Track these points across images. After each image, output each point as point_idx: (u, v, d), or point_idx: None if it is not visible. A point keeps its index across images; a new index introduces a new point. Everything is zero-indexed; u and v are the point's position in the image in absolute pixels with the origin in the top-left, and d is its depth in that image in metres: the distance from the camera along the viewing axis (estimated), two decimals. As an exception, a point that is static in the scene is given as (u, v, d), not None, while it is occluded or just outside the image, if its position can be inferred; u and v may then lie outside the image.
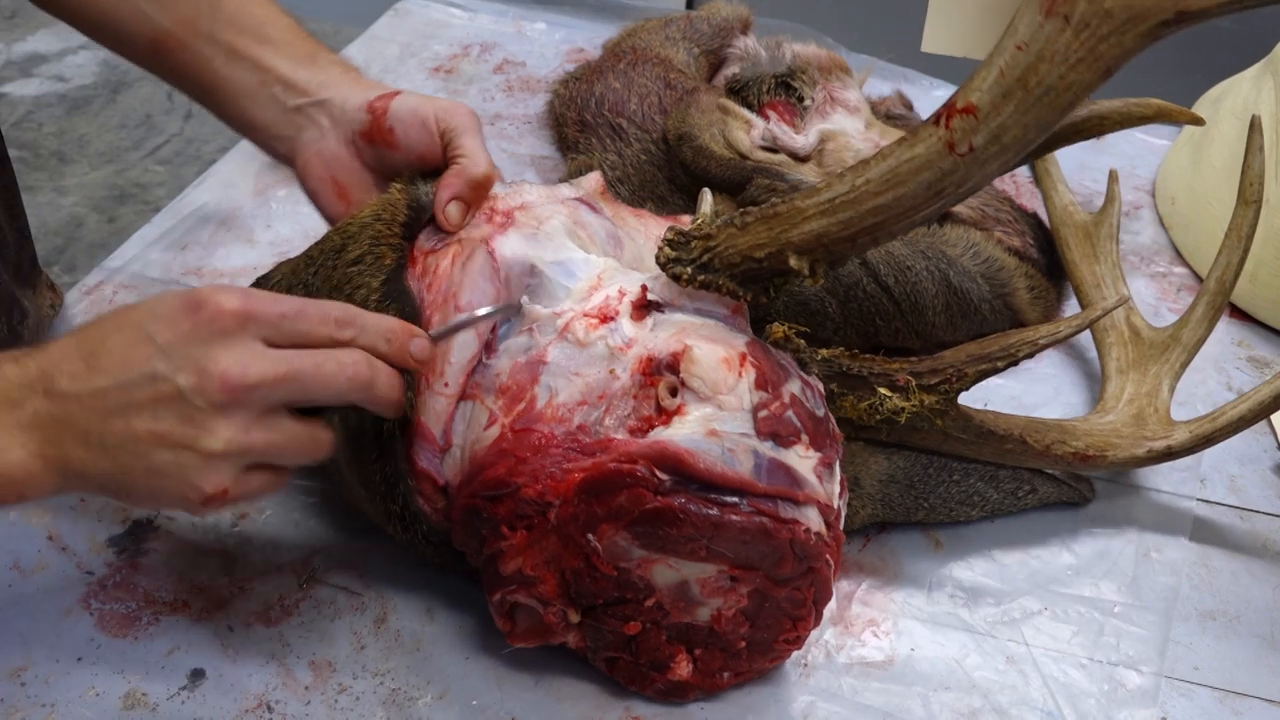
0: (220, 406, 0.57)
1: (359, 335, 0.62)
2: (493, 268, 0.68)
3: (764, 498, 0.62)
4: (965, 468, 0.79)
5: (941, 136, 0.58)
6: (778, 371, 0.66)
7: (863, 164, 0.61)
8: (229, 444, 0.58)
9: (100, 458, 0.58)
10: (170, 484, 0.59)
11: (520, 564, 0.65)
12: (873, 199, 0.61)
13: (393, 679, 0.71)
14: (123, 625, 0.73)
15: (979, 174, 0.58)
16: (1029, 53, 0.54)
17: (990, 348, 0.73)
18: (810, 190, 0.63)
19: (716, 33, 1.18)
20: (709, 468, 0.61)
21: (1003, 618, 0.76)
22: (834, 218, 0.62)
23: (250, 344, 0.58)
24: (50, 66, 1.29)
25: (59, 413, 0.58)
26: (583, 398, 0.65)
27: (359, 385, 0.61)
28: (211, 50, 0.77)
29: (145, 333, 0.58)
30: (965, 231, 0.96)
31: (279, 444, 0.60)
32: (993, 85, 0.56)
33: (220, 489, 0.59)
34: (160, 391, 0.57)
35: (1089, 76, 0.54)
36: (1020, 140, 0.57)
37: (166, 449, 0.58)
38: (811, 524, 0.63)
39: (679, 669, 0.67)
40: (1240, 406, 0.79)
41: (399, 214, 0.70)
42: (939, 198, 0.60)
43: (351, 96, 0.77)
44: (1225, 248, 0.85)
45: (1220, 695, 0.73)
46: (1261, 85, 1.05)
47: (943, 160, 0.58)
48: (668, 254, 0.66)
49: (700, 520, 0.61)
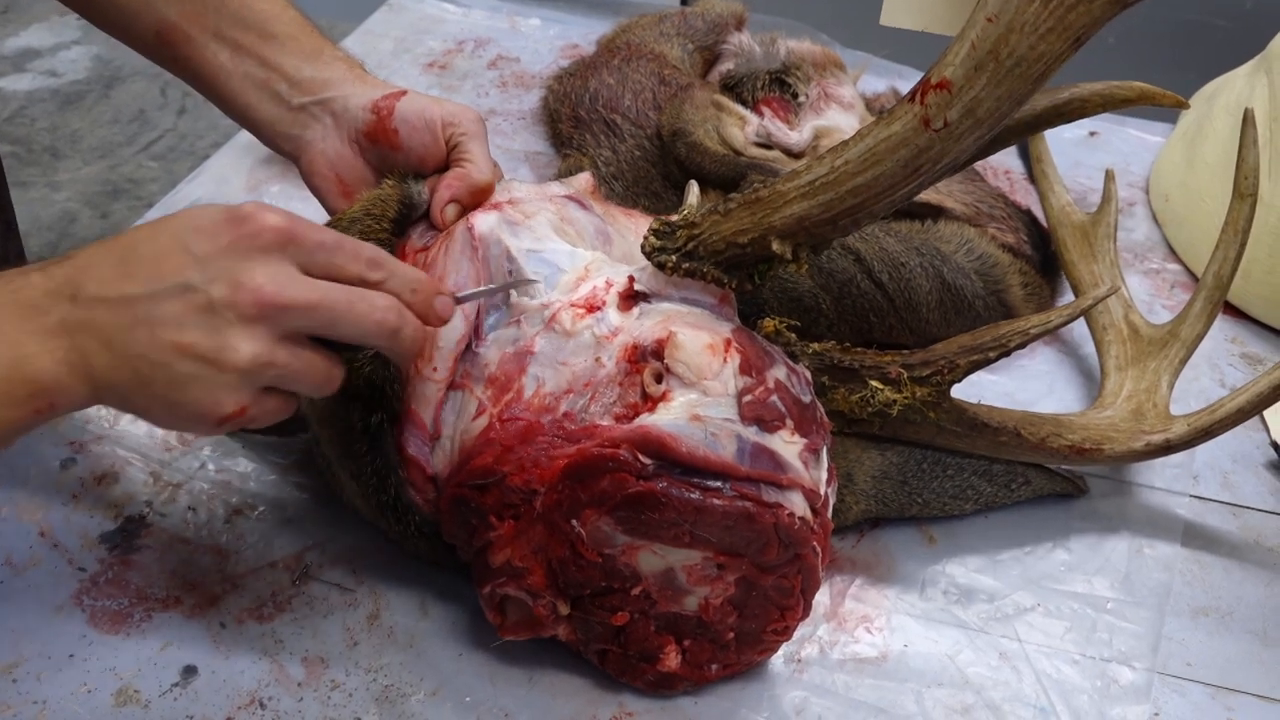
0: (249, 321, 0.57)
1: (388, 279, 0.61)
2: (471, 245, 0.68)
3: (747, 481, 0.62)
4: (959, 462, 0.79)
5: (916, 113, 0.58)
6: (762, 357, 0.66)
7: (841, 145, 0.61)
8: (253, 359, 0.57)
9: (122, 366, 0.57)
10: (189, 397, 0.57)
11: (509, 555, 0.65)
12: (852, 179, 0.61)
13: (385, 675, 0.71)
14: (115, 622, 0.73)
15: (955, 148, 0.59)
16: (999, 24, 0.55)
17: (982, 338, 0.73)
18: (791, 174, 0.63)
19: (711, 28, 1.18)
20: (691, 451, 0.61)
21: (996, 614, 0.77)
22: (814, 200, 0.62)
23: (287, 266, 0.58)
24: (43, 61, 1.29)
25: (85, 318, 0.57)
26: (569, 386, 0.65)
27: (386, 330, 0.60)
28: (216, 45, 0.77)
29: (182, 242, 0.57)
30: (959, 228, 0.96)
31: (298, 369, 0.59)
32: (965, 59, 0.56)
33: (239, 406, 0.58)
34: (191, 302, 0.56)
35: (1060, 46, 0.54)
36: (994, 113, 0.57)
37: (190, 360, 0.56)
38: (796, 508, 0.63)
39: (668, 660, 0.68)
40: (1239, 399, 0.79)
41: (389, 209, 0.70)
42: (917, 175, 0.60)
43: (356, 94, 0.77)
44: (1222, 242, 0.85)
45: (1213, 691, 0.73)
46: (1255, 82, 1.05)
47: (919, 137, 0.59)
48: (653, 243, 0.67)
49: (682, 504, 0.61)
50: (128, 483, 0.82)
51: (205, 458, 0.83)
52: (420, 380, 0.67)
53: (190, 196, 1.08)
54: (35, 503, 0.79)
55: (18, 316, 0.57)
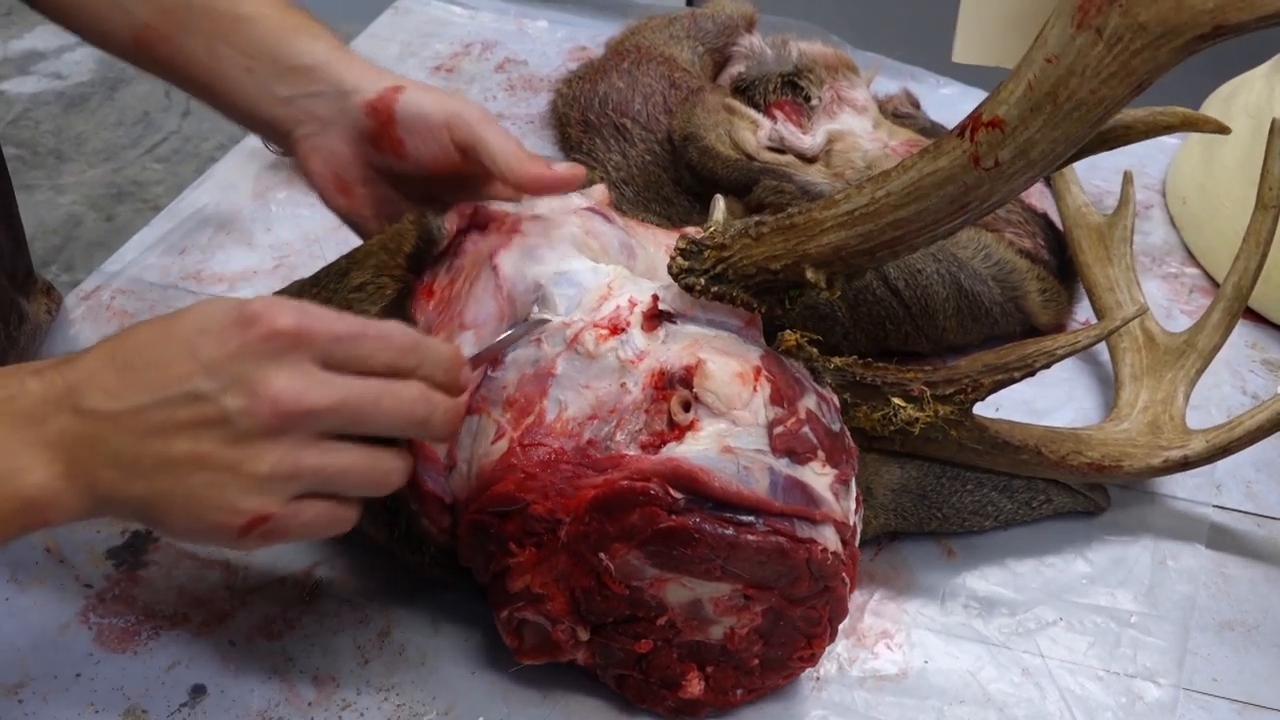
0: (270, 431, 0.54)
1: (420, 366, 0.58)
2: (496, 284, 0.66)
3: (780, 517, 0.60)
4: (979, 478, 0.77)
5: (966, 150, 0.56)
6: (793, 386, 0.64)
7: (883, 175, 0.59)
8: (276, 466, 0.54)
9: (134, 481, 0.54)
10: (208, 509, 0.55)
11: (528, 581, 0.63)
12: (893, 212, 0.59)
13: (397, 694, 0.70)
14: (122, 640, 0.72)
15: (1004, 189, 0.57)
16: (1059, 66, 0.53)
17: (1007, 358, 0.71)
18: (828, 201, 0.61)
19: (721, 31, 1.16)
20: (724, 486, 0.59)
21: (1018, 628, 0.75)
22: (853, 230, 0.61)
23: (304, 365, 0.55)
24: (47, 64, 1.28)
25: (88, 432, 0.54)
26: (593, 411, 0.63)
27: (415, 421, 0.58)
28: (193, 43, 0.74)
29: (189, 347, 0.54)
30: (976, 233, 0.94)
31: (335, 469, 0.56)
32: (1020, 99, 0.54)
33: (263, 512, 0.55)
34: (203, 413, 0.54)
35: (1121, 91, 0.53)
36: (1048, 155, 0.55)
37: (207, 472, 0.54)
38: (828, 543, 0.62)
39: (690, 687, 0.66)
40: (1258, 416, 0.77)
41: (406, 244, 0.68)
42: (962, 212, 0.58)
43: (348, 83, 0.73)
44: (1243, 253, 0.83)
45: (1239, 708, 0.72)
46: (1274, 83, 1.03)
47: (967, 174, 0.57)
48: (680, 264, 0.65)
49: (715, 540, 0.59)
50: (134, 497, 0.80)
51: (213, 471, 0.82)
52: None
53: (195, 204, 1.07)
54: (41, 518, 0.78)
55: (12, 426, 0.54)
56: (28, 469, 0.54)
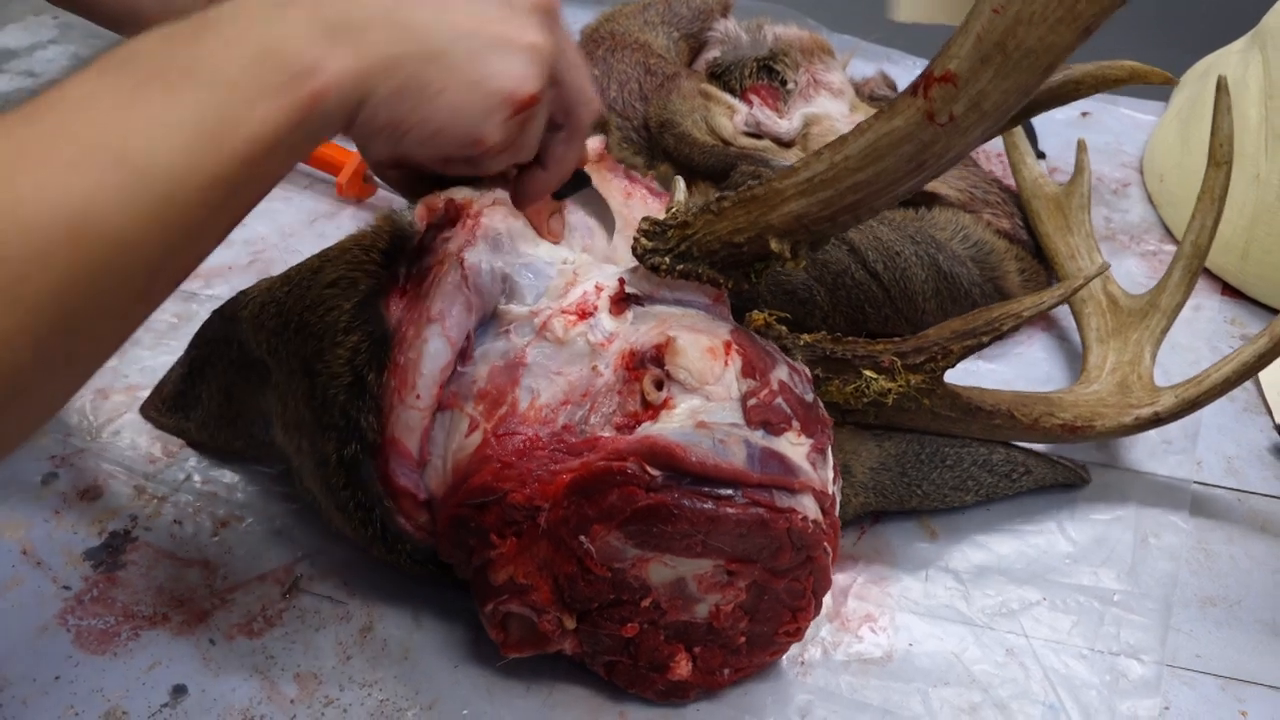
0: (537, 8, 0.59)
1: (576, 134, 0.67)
2: (462, 277, 0.65)
3: (759, 488, 0.60)
4: (958, 452, 0.77)
5: (920, 107, 0.56)
6: (764, 358, 0.64)
7: (840, 140, 0.59)
8: (545, 39, 0.58)
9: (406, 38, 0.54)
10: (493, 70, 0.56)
11: (511, 572, 0.63)
12: (852, 175, 0.59)
13: (380, 690, 0.69)
14: (101, 641, 0.71)
15: (960, 143, 0.57)
16: (1006, 15, 0.53)
17: (974, 323, 0.71)
18: (787, 170, 0.61)
19: (696, 16, 1.16)
20: (701, 460, 0.59)
21: (1001, 609, 0.75)
22: (813, 197, 0.60)
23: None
24: (20, 62, 1.26)
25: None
26: (565, 397, 0.63)
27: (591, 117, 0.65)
28: None
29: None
30: (954, 215, 0.94)
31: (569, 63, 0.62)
32: (970, 52, 0.54)
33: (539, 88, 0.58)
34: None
35: (1069, 37, 0.53)
36: (1000, 106, 0.55)
37: (486, 35, 0.56)
38: (808, 512, 0.62)
39: (679, 668, 0.66)
40: (1224, 369, 0.78)
41: (379, 241, 0.67)
42: (920, 170, 0.58)
43: None
44: (1199, 210, 0.85)
45: (1223, 683, 0.72)
46: (1249, 58, 1.03)
47: (923, 131, 0.57)
48: (644, 245, 0.65)
49: (695, 515, 0.59)
50: (112, 497, 0.80)
51: (190, 469, 0.82)
52: (403, 408, 0.65)
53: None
54: (16, 520, 0.77)
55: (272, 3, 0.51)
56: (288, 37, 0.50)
